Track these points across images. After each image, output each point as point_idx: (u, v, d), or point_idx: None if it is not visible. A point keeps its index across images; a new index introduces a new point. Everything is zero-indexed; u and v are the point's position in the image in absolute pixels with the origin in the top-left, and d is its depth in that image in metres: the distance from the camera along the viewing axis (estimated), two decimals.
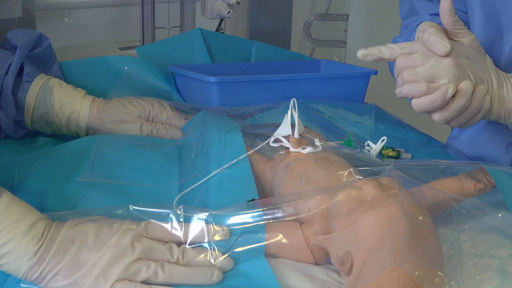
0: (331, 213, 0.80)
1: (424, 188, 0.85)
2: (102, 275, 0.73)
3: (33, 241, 0.73)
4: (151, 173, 0.99)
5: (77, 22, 2.19)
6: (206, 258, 0.77)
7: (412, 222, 0.73)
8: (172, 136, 1.15)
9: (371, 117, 1.27)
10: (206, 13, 1.74)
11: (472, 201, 0.85)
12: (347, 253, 0.73)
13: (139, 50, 1.49)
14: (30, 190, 0.91)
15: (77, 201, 0.88)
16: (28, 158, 1.00)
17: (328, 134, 1.13)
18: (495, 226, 0.85)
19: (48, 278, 0.73)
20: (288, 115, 0.92)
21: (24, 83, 1.14)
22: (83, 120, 1.16)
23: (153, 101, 1.20)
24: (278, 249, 0.81)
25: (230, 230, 0.79)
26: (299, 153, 0.93)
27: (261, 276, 0.76)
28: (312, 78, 1.35)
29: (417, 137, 1.23)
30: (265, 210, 0.80)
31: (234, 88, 1.28)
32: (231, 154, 0.96)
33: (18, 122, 1.16)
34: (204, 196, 0.89)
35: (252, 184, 0.89)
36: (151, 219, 0.79)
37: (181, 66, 1.40)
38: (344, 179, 0.86)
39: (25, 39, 1.17)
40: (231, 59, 1.54)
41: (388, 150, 1.08)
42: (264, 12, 2.14)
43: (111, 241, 0.74)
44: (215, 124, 1.07)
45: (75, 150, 1.03)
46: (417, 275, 0.68)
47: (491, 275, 0.78)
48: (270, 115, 1.22)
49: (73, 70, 1.32)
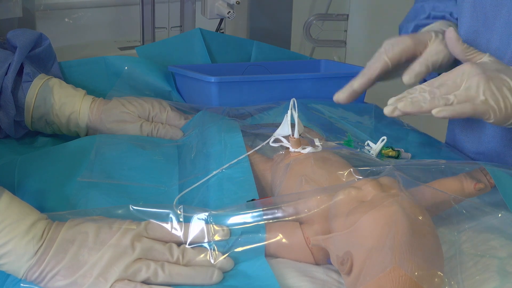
0: (331, 213, 0.80)
1: (424, 188, 0.85)
2: (102, 275, 0.73)
3: (33, 241, 0.73)
4: (151, 173, 0.99)
5: (77, 22, 2.19)
6: (206, 258, 0.77)
7: (412, 222, 0.73)
8: (172, 136, 1.15)
9: (371, 117, 1.27)
10: (206, 13, 1.74)
11: (472, 201, 0.85)
12: (347, 253, 0.73)
13: (139, 50, 1.49)
14: (30, 190, 0.91)
15: (77, 201, 0.88)
16: (28, 158, 1.00)
17: (328, 134, 1.13)
18: (495, 226, 0.85)
19: (48, 278, 0.73)
20: (288, 115, 0.92)
21: (24, 83, 1.14)
22: (83, 120, 1.16)
23: (153, 101, 1.20)
24: (278, 249, 0.81)
25: (230, 230, 0.79)
26: (299, 153, 0.93)
27: (261, 276, 0.76)
28: (312, 78, 1.35)
29: (417, 137, 1.23)
30: (265, 210, 0.80)
31: (234, 88, 1.28)
32: (231, 154, 0.96)
33: (18, 122, 1.16)
34: (204, 196, 0.89)
35: (252, 184, 0.89)
36: (151, 219, 0.79)
37: (181, 66, 1.40)
38: (344, 179, 0.86)
39: (25, 39, 1.17)
40: (231, 59, 1.54)
41: (388, 150, 1.08)
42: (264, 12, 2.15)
43: (111, 241, 0.74)
44: (215, 124, 1.07)
45: (75, 150, 1.03)
46: (417, 275, 0.68)
47: (491, 275, 0.78)
48: (270, 115, 1.22)
49: (73, 70, 1.32)
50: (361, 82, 1.01)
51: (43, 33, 1.24)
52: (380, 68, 1.01)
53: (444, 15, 1.18)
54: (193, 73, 1.31)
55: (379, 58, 1.02)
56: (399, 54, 1.01)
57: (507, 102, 0.88)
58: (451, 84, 0.89)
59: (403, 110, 0.87)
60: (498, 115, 0.88)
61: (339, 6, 2.70)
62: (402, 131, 1.24)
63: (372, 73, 1.01)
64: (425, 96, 0.89)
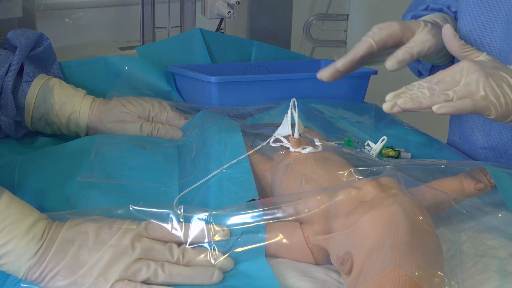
0: (331, 213, 0.80)
1: (424, 188, 0.85)
2: (102, 275, 0.73)
3: (33, 241, 0.73)
4: (151, 173, 0.99)
5: (77, 22, 2.19)
6: (206, 258, 0.77)
7: (412, 222, 0.73)
8: (172, 136, 1.15)
9: (371, 117, 1.27)
10: (206, 13, 1.74)
11: (472, 201, 0.84)
12: (347, 253, 0.73)
13: (139, 50, 1.49)
14: (30, 190, 0.91)
15: (77, 201, 0.88)
16: (28, 158, 1.00)
17: (328, 134, 1.13)
18: (495, 226, 0.85)
19: (48, 278, 0.73)
20: (288, 115, 0.92)
21: (24, 83, 1.14)
22: (83, 120, 1.16)
23: (153, 101, 1.20)
24: (278, 249, 0.81)
25: (230, 230, 0.79)
26: (299, 153, 0.93)
27: (261, 276, 0.76)
28: (312, 78, 1.34)
29: (417, 137, 1.23)
30: (265, 210, 0.80)
31: (234, 88, 1.28)
32: (231, 154, 0.96)
33: (18, 122, 1.16)
34: (204, 196, 0.89)
35: (252, 184, 0.89)
36: (151, 219, 0.79)
37: (181, 66, 1.40)
38: (344, 179, 0.86)
39: (25, 39, 1.17)
40: (231, 59, 1.54)
41: (388, 150, 1.08)
42: (264, 12, 2.14)
43: (111, 241, 0.74)
44: (215, 124, 1.07)
45: (75, 150, 1.03)
46: (417, 275, 0.68)
47: (491, 275, 0.78)
48: (270, 115, 1.22)
49: (73, 70, 1.32)
50: (344, 62, 1.02)
51: (43, 33, 1.24)
52: (365, 49, 1.02)
53: (442, 8, 1.19)
54: (193, 73, 1.31)
55: (365, 40, 1.02)
56: (385, 38, 1.02)
57: (507, 98, 0.88)
58: (450, 80, 0.89)
59: (403, 106, 0.86)
60: (499, 111, 0.87)
61: (339, 6, 2.70)
62: (402, 131, 1.24)
63: (357, 53, 1.02)
64: (424, 92, 0.88)
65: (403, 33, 1.03)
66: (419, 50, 1.02)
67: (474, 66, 0.89)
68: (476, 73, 0.88)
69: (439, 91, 0.88)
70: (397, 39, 1.03)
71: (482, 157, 1.16)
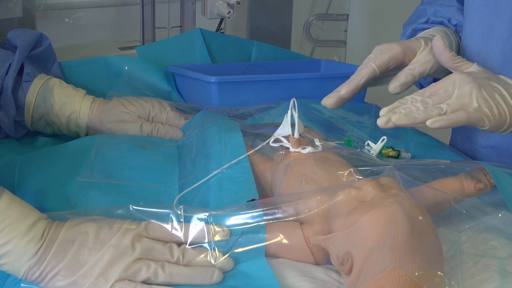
0: (331, 213, 0.80)
1: (424, 188, 0.85)
2: (103, 275, 0.73)
3: (33, 241, 0.73)
4: (151, 173, 0.99)
5: (77, 22, 2.19)
6: (206, 258, 0.77)
7: (412, 222, 0.73)
8: (172, 136, 1.15)
9: (371, 117, 1.27)
10: (206, 13, 1.74)
11: (472, 201, 0.84)
12: (347, 253, 0.73)
13: (139, 50, 1.49)
14: (30, 190, 0.91)
15: (77, 201, 0.88)
16: (28, 158, 1.00)
17: (328, 134, 1.13)
18: (495, 226, 0.85)
19: (48, 278, 0.73)
20: (288, 115, 0.92)
21: (24, 83, 1.14)
22: (83, 120, 1.16)
23: (153, 101, 1.20)
24: (278, 249, 0.81)
25: (230, 230, 0.79)
26: (299, 153, 0.93)
27: (261, 276, 0.76)
28: (312, 78, 1.35)
29: (417, 137, 1.23)
30: (265, 210, 0.80)
31: (234, 88, 1.28)
32: (231, 154, 0.96)
33: (18, 122, 1.16)
34: (204, 196, 0.89)
35: (252, 184, 0.89)
36: (151, 219, 0.79)
37: (181, 66, 1.40)
38: (344, 179, 0.86)
39: (25, 39, 1.17)
40: (231, 59, 1.54)
41: (388, 150, 1.08)
42: (264, 12, 2.14)
43: (111, 241, 0.74)
44: (215, 124, 1.07)
45: (75, 150, 1.03)
46: (417, 275, 0.68)
47: (491, 275, 0.78)
48: (270, 115, 1.22)
49: (73, 70, 1.32)
50: (348, 89, 1.02)
51: (43, 33, 1.24)
52: (368, 75, 1.02)
53: (443, 21, 1.19)
54: (193, 73, 1.31)
55: (367, 64, 1.03)
56: (387, 61, 1.02)
57: (500, 109, 0.88)
58: (442, 93, 0.89)
59: (397, 122, 0.87)
60: (492, 121, 0.88)
61: (339, 6, 2.70)
62: (402, 131, 1.24)
63: (360, 80, 1.02)
64: (418, 106, 0.89)
65: (404, 54, 1.03)
66: (421, 71, 1.03)
67: (466, 78, 0.89)
68: (468, 84, 0.88)
69: (432, 105, 0.88)
70: (399, 60, 1.03)
71: (484, 156, 1.16)
